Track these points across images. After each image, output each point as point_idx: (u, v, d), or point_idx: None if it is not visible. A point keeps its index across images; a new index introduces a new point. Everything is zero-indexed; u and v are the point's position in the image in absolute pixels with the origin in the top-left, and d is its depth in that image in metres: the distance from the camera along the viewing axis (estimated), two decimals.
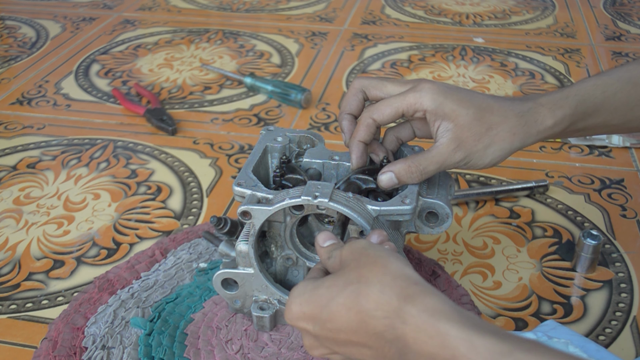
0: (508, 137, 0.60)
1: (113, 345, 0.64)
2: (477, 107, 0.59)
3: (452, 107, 0.59)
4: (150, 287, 0.71)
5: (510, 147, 0.60)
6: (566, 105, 0.62)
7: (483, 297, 0.72)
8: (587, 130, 0.65)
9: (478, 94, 0.61)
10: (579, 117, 0.63)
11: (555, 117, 0.61)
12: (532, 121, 0.61)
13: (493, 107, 0.60)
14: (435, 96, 0.59)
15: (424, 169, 0.60)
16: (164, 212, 0.86)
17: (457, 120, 0.59)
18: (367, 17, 1.49)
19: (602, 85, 0.63)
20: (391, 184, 0.61)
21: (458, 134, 0.59)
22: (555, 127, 0.62)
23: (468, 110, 0.59)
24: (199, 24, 1.46)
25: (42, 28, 1.45)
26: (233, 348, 0.64)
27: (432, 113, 0.59)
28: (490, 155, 0.60)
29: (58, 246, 0.80)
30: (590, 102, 0.63)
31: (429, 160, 0.60)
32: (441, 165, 0.60)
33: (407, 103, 0.60)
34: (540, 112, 0.61)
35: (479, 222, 0.83)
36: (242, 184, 0.61)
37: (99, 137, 1.03)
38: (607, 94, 0.63)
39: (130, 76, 1.22)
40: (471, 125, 0.59)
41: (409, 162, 0.60)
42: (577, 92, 0.63)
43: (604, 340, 0.67)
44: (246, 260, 0.62)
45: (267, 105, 1.12)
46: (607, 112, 0.64)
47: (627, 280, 0.74)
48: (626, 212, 0.85)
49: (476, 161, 0.60)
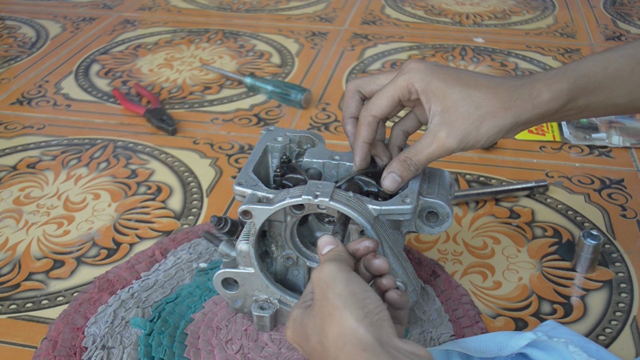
0: (500, 113, 0.58)
1: (113, 345, 0.64)
2: (464, 85, 0.58)
3: (439, 86, 0.58)
4: (150, 287, 0.71)
5: (505, 123, 0.58)
6: (564, 80, 0.59)
7: (483, 297, 0.72)
8: (591, 110, 0.62)
9: (466, 72, 0.60)
10: (579, 92, 0.60)
11: (551, 90, 0.58)
12: (525, 95, 0.58)
13: (481, 83, 0.58)
14: (422, 75, 0.58)
15: (417, 161, 0.59)
16: (164, 212, 0.86)
17: (444, 102, 0.57)
18: (367, 17, 1.49)
19: (604, 61, 0.61)
20: (396, 184, 0.60)
21: (446, 118, 0.57)
22: (552, 101, 0.59)
23: (454, 89, 0.57)
24: (199, 24, 1.46)
25: (42, 28, 1.45)
26: (233, 348, 0.64)
27: (423, 93, 0.58)
28: (485, 135, 0.58)
29: (58, 246, 0.80)
30: (591, 77, 0.60)
31: (423, 154, 0.59)
32: (433, 155, 0.58)
33: (399, 87, 0.59)
34: (535, 86, 0.59)
35: (479, 222, 0.83)
36: (243, 184, 0.61)
37: (99, 137, 1.03)
38: (610, 70, 0.60)
39: (130, 76, 1.22)
40: (458, 106, 0.57)
41: (403, 157, 0.60)
42: (575, 67, 0.60)
43: (604, 340, 0.67)
44: (246, 260, 0.62)
45: (267, 105, 1.12)
46: (611, 90, 0.61)
47: (627, 280, 0.74)
48: (626, 212, 0.85)
49: (472, 143, 0.58)
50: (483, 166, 0.95)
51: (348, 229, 0.61)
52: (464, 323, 0.67)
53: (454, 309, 0.69)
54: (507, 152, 0.98)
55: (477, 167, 0.94)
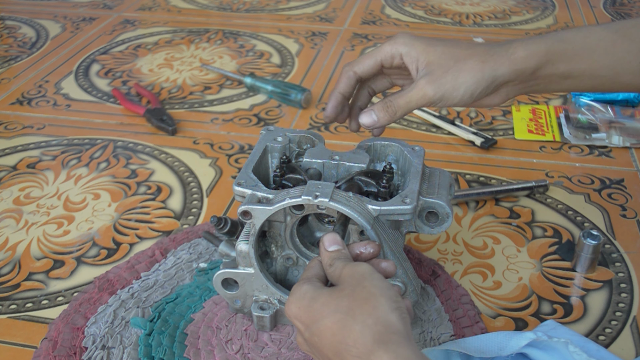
0: (477, 65, 0.61)
1: (113, 345, 0.64)
2: (445, 45, 0.63)
3: (422, 46, 0.62)
4: (150, 287, 0.71)
5: (482, 75, 0.61)
6: (541, 42, 0.62)
7: (483, 297, 0.72)
8: (574, 79, 0.64)
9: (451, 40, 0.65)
10: (557, 56, 0.62)
11: (527, 49, 0.61)
12: (502, 51, 0.62)
13: (462, 44, 0.63)
14: (407, 40, 0.63)
15: (396, 105, 0.62)
16: (164, 212, 0.86)
17: (427, 57, 0.62)
18: (367, 17, 1.49)
19: (585, 30, 0.64)
20: (371, 120, 0.63)
21: (428, 69, 0.62)
22: (528, 58, 0.61)
23: (436, 47, 0.62)
24: (199, 24, 1.46)
25: (42, 28, 1.45)
26: (233, 348, 0.64)
27: (407, 55, 0.63)
28: (463, 85, 0.61)
29: (58, 246, 0.80)
30: (570, 43, 0.62)
31: (403, 97, 0.62)
32: (412, 100, 0.62)
33: (384, 52, 0.64)
34: (512, 45, 0.62)
35: (479, 222, 0.83)
36: (243, 184, 0.61)
37: (99, 137, 1.03)
38: (590, 39, 0.62)
39: (130, 76, 1.22)
40: (440, 60, 0.61)
41: (385, 101, 0.63)
42: (555, 33, 0.63)
43: (604, 340, 0.67)
44: (246, 260, 0.62)
45: (267, 105, 1.12)
46: (592, 60, 0.63)
47: (627, 280, 0.74)
48: (626, 212, 0.85)
49: (450, 92, 0.61)
50: (483, 166, 0.95)
51: (348, 229, 0.61)
52: (464, 323, 0.67)
53: (454, 309, 0.69)
54: (507, 152, 0.98)
55: (477, 167, 0.94)
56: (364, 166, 0.64)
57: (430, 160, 0.95)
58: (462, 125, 1.03)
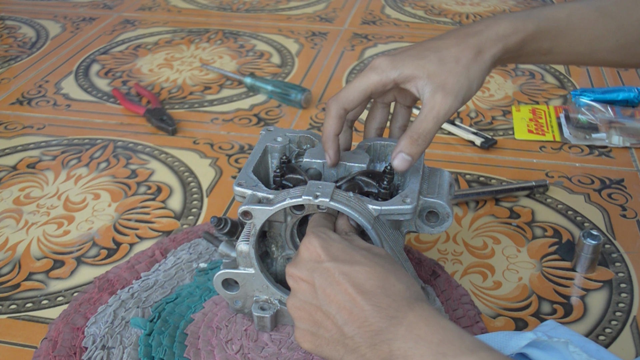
0: (479, 57, 0.60)
1: (113, 345, 0.64)
2: (435, 50, 0.60)
3: (414, 62, 0.60)
4: (150, 287, 0.71)
5: (485, 64, 0.61)
6: (528, 22, 0.62)
7: (483, 297, 0.72)
8: (554, 54, 0.65)
9: (429, 41, 0.62)
10: (543, 35, 0.62)
11: (516, 28, 0.61)
12: (492, 34, 0.61)
13: (449, 43, 0.61)
14: (393, 64, 0.60)
15: (424, 131, 0.59)
16: (164, 212, 0.86)
17: (426, 71, 0.59)
18: (367, 17, 1.49)
19: (569, 8, 0.64)
20: (407, 163, 0.60)
21: (436, 82, 0.59)
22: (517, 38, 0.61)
23: (428, 57, 0.60)
24: (199, 24, 1.46)
25: (42, 28, 1.45)
26: (233, 348, 0.64)
27: (402, 78, 0.60)
28: (475, 80, 0.60)
29: (58, 246, 0.80)
30: (554, 21, 0.63)
31: (427, 121, 0.59)
32: (439, 118, 0.59)
33: (372, 82, 0.60)
34: (500, 25, 0.61)
35: (479, 222, 0.83)
36: (243, 184, 0.61)
37: (99, 137, 1.03)
38: (573, 17, 0.63)
39: (130, 76, 1.22)
40: (441, 67, 0.59)
41: (409, 134, 0.60)
42: (540, 11, 0.63)
43: (604, 340, 0.67)
44: (247, 261, 0.62)
45: (267, 105, 1.12)
46: (573, 37, 0.63)
47: (627, 280, 0.74)
48: (626, 212, 0.85)
49: (468, 92, 0.60)
50: (483, 166, 0.95)
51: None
52: (464, 323, 0.67)
53: (454, 309, 0.69)
54: (507, 152, 0.98)
55: (477, 167, 0.94)
56: (364, 166, 0.64)
57: (430, 160, 0.95)
58: (462, 125, 1.03)
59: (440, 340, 0.44)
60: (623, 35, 0.65)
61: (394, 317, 0.47)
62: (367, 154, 0.66)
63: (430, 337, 0.45)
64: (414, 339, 0.45)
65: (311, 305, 0.51)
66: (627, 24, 0.65)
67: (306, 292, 0.52)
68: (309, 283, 0.51)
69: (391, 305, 0.47)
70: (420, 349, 0.44)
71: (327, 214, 0.59)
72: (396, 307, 0.47)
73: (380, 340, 0.46)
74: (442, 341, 0.44)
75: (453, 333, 0.45)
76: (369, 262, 0.51)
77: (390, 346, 0.45)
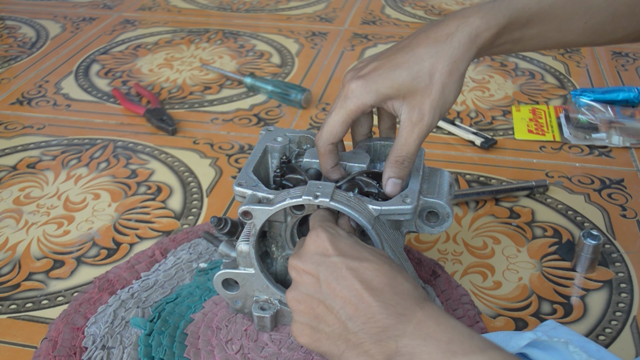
0: (453, 67, 0.59)
1: (113, 345, 0.64)
2: (407, 67, 0.58)
3: (387, 84, 0.58)
4: (150, 287, 0.71)
5: (460, 72, 0.59)
6: (500, 14, 0.60)
7: (483, 297, 0.72)
8: (523, 41, 0.64)
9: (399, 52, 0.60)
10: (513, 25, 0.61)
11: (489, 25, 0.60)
12: (464, 38, 0.59)
13: (421, 54, 0.59)
14: (368, 88, 0.59)
15: (408, 154, 0.60)
16: (164, 212, 0.86)
17: (401, 91, 0.58)
18: (367, 17, 1.49)
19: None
20: (398, 187, 0.61)
21: (412, 102, 0.59)
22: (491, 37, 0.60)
23: (401, 77, 0.58)
24: (199, 24, 1.46)
25: (42, 28, 1.45)
26: (233, 348, 0.64)
27: (379, 102, 0.59)
28: (452, 93, 0.59)
29: (58, 246, 0.80)
30: (525, 10, 0.61)
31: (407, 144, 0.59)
32: (419, 138, 0.59)
33: (351, 112, 0.59)
34: (472, 24, 0.59)
35: (479, 222, 0.83)
36: (243, 184, 0.61)
37: (99, 137, 1.03)
38: (543, 3, 0.62)
39: (130, 76, 1.22)
40: (415, 86, 0.58)
41: (394, 158, 0.60)
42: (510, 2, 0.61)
43: (604, 340, 0.67)
44: (247, 261, 0.62)
45: (267, 105, 1.12)
46: (542, 23, 0.63)
47: (627, 280, 0.74)
48: (626, 212, 0.85)
49: (446, 107, 0.60)
50: (483, 166, 0.95)
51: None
52: (464, 323, 0.67)
53: (454, 308, 0.69)
54: (507, 152, 0.98)
55: (477, 167, 0.94)
56: (364, 166, 0.64)
57: (430, 160, 0.95)
58: (462, 125, 1.03)
59: (450, 338, 0.44)
60: (592, 16, 0.64)
61: (402, 314, 0.47)
62: (367, 154, 0.66)
63: (439, 335, 0.45)
64: (422, 337, 0.45)
65: (313, 299, 0.51)
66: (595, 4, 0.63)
67: (309, 285, 0.52)
68: (314, 276, 0.51)
69: (399, 303, 0.47)
70: (428, 347, 0.44)
71: (330, 211, 0.59)
72: (405, 305, 0.47)
73: (387, 336, 0.46)
74: (451, 340, 0.44)
75: (462, 332, 0.45)
76: (377, 259, 0.51)
77: (397, 343, 0.45)
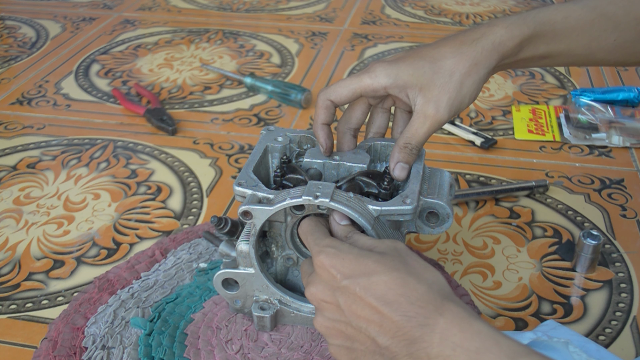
0: (473, 70, 0.60)
1: (113, 345, 0.64)
2: (430, 61, 0.60)
3: (408, 72, 0.60)
4: (150, 287, 0.71)
5: (479, 77, 0.61)
6: (524, 26, 0.61)
7: (483, 297, 0.72)
8: (552, 58, 0.65)
9: (426, 48, 0.62)
10: (539, 40, 0.62)
11: (512, 34, 0.61)
12: (488, 44, 0.60)
13: (445, 52, 0.60)
14: (388, 71, 0.60)
15: (417, 142, 0.61)
16: (164, 212, 0.86)
17: (419, 82, 0.60)
18: (367, 17, 1.49)
19: (565, 10, 0.63)
20: (405, 171, 0.62)
21: (429, 95, 0.60)
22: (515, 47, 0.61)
23: (423, 68, 0.60)
24: (199, 24, 1.46)
25: (42, 28, 1.45)
26: (233, 348, 0.64)
27: (394, 86, 0.60)
28: (468, 94, 0.60)
29: (58, 246, 0.80)
30: (551, 24, 0.62)
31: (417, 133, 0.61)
32: (430, 130, 0.60)
33: (363, 84, 0.61)
34: (497, 33, 0.61)
35: (479, 222, 0.83)
36: (243, 184, 0.61)
37: (99, 137, 1.03)
38: (570, 19, 0.63)
39: (130, 76, 1.22)
40: (434, 80, 0.60)
41: (403, 143, 0.61)
42: (536, 14, 0.62)
43: (604, 340, 0.67)
44: (247, 260, 0.62)
45: (267, 105, 1.12)
46: (570, 40, 0.63)
47: (627, 280, 0.74)
48: (626, 212, 0.85)
49: (460, 106, 0.61)
50: (483, 166, 0.95)
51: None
52: None
53: None
54: (507, 152, 0.98)
55: (477, 167, 0.94)
56: (364, 166, 0.64)
57: (430, 160, 0.95)
58: (462, 125, 1.03)
59: (478, 348, 0.44)
60: (621, 35, 0.64)
61: (425, 324, 0.46)
62: (367, 154, 0.66)
63: (466, 344, 0.44)
64: (450, 347, 0.44)
65: (340, 323, 0.51)
66: (624, 22, 0.64)
67: (332, 311, 0.51)
68: (333, 303, 0.51)
69: (419, 313, 0.46)
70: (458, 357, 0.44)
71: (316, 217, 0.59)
72: (424, 314, 0.46)
73: (416, 349, 0.46)
74: (479, 349, 0.44)
75: (489, 338, 0.44)
76: (383, 268, 0.49)
77: (429, 353, 0.45)
